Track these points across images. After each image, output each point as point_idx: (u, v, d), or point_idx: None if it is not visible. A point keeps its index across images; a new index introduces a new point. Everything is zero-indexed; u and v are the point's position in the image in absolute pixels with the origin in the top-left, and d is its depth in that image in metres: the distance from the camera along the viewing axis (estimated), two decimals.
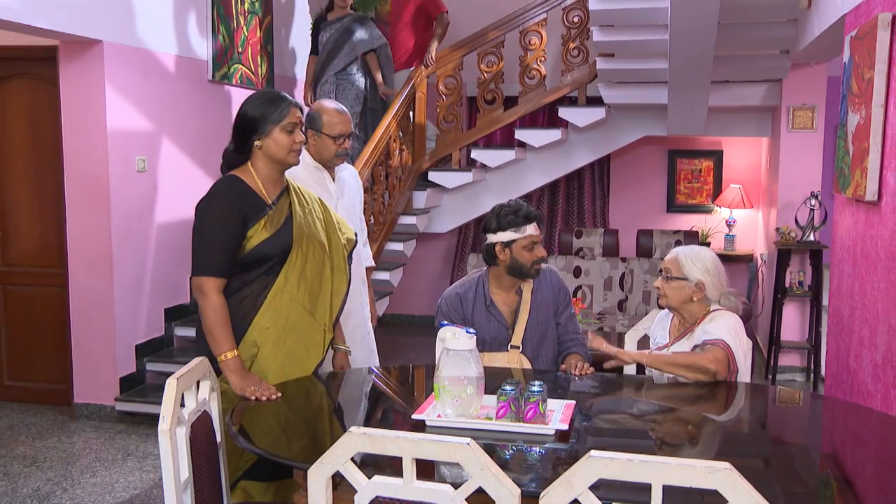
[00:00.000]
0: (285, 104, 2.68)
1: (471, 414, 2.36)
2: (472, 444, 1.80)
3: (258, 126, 2.65)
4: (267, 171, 2.71)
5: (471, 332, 2.37)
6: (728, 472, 1.68)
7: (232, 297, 2.65)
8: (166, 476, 2.23)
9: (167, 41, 5.22)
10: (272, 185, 2.73)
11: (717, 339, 2.84)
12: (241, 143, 2.69)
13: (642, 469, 1.73)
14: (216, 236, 2.58)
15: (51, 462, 4.33)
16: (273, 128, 2.65)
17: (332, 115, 3.35)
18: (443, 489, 1.84)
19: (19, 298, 5.27)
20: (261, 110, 2.66)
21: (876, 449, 2.41)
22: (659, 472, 1.71)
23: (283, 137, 2.67)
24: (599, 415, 2.63)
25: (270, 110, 2.65)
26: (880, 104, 2.96)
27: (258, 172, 2.70)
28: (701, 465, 1.70)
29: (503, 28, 6.39)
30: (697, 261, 2.96)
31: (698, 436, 2.50)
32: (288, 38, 6.82)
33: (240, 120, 2.69)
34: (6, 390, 5.35)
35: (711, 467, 1.69)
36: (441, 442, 1.83)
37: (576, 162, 6.68)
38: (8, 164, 5.19)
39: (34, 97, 5.09)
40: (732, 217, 6.92)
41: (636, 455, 1.75)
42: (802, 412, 2.83)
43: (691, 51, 5.03)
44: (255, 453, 2.27)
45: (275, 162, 2.70)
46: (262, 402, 2.55)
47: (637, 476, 1.73)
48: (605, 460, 1.74)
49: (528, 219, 3.01)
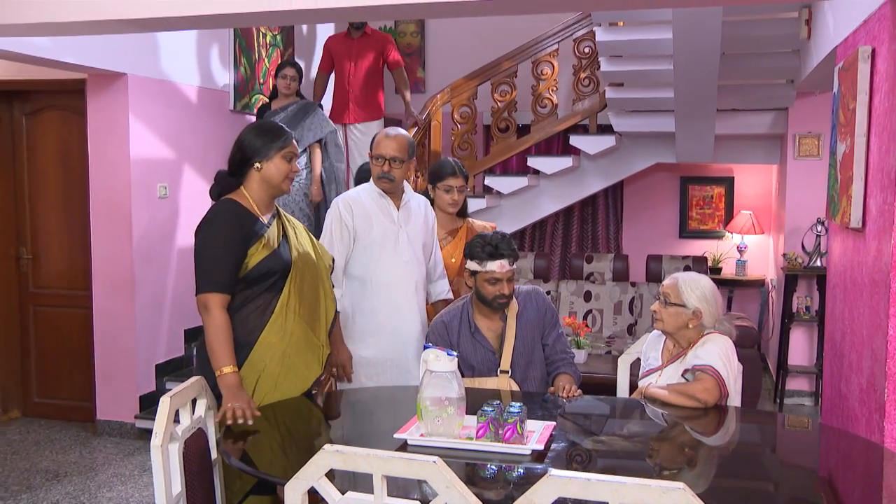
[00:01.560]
0: (288, 135, 2.85)
1: (452, 434, 2.40)
2: (438, 462, 1.85)
3: (262, 150, 2.79)
4: (260, 195, 2.82)
5: (452, 354, 2.42)
6: (682, 491, 1.71)
7: (237, 314, 2.74)
8: (157, 490, 2.31)
9: (190, 73, 5.37)
10: (265, 208, 2.84)
11: (706, 366, 2.86)
12: (240, 166, 2.81)
13: (599, 488, 1.76)
14: (220, 254, 2.67)
15: (71, 476, 4.43)
16: (276, 154, 2.79)
17: (378, 137, 3.40)
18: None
19: (48, 319, 5.42)
20: (266, 137, 2.81)
21: (834, 468, 2.42)
22: (616, 491, 1.75)
23: (283, 164, 2.81)
24: (581, 436, 2.66)
25: (275, 138, 2.81)
26: (863, 133, 2.98)
27: (252, 195, 2.81)
28: (656, 485, 1.73)
29: (516, 58, 6.47)
30: (696, 288, 2.97)
31: (676, 457, 2.52)
32: (309, 69, 6.96)
33: (244, 143, 2.82)
34: (34, 407, 5.49)
35: (666, 487, 1.72)
36: (409, 460, 1.88)
37: (588, 188, 6.71)
38: (40, 192, 5.36)
39: (64, 128, 5.26)
40: (744, 243, 6.90)
41: (594, 475, 1.78)
42: (773, 435, 2.84)
43: (695, 81, 5.07)
44: (238, 468, 2.33)
45: (270, 186, 2.82)
46: (244, 424, 2.58)
47: (594, 495, 1.76)
48: (563, 480, 1.77)
49: (493, 256, 3.03)
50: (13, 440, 5.05)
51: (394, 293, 3.36)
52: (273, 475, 2.25)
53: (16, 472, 4.52)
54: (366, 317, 3.35)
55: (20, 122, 5.38)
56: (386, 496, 1.91)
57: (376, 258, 3.35)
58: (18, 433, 5.18)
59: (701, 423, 2.78)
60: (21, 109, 5.36)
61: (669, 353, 3.06)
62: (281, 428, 2.68)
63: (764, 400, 6.03)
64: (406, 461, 1.88)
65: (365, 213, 3.37)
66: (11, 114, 5.37)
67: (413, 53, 7.84)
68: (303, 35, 6.84)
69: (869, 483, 2.36)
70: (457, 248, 3.78)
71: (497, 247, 3.05)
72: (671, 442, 2.70)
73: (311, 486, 1.94)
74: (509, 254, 3.05)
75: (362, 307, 3.36)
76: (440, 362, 2.42)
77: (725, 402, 2.87)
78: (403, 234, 3.40)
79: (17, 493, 4.23)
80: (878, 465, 2.41)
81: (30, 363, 5.47)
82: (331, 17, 4.42)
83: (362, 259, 3.36)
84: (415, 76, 7.78)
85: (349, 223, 3.34)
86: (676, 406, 2.83)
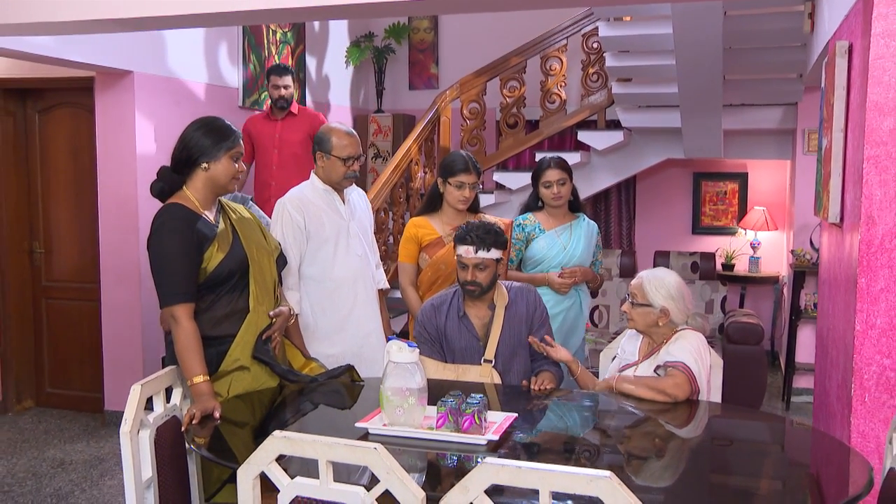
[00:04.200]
0: (236, 135, 2.81)
1: (413, 423, 2.48)
2: (379, 449, 1.92)
3: (210, 151, 2.75)
4: (205, 194, 2.78)
5: (412, 345, 2.49)
6: (608, 480, 1.76)
7: (204, 316, 2.76)
8: (126, 475, 2.42)
9: (198, 70, 5.50)
10: (210, 207, 2.82)
11: (677, 362, 2.89)
12: (185, 164, 2.77)
13: (529, 476, 1.83)
14: (178, 264, 2.66)
15: (76, 465, 4.59)
16: (224, 154, 2.77)
17: (342, 138, 3.39)
18: (355, 490, 1.97)
19: (59, 312, 5.60)
20: (215, 136, 2.76)
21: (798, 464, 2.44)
22: (544, 479, 1.81)
23: (231, 165, 2.78)
24: (543, 428, 2.72)
25: (224, 138, 2.77)
26: (840, 129, 2.99)
27: (196, 195, 2.77)
28: (583, 473, 1.79)
29: (525, 54, 6.50)
30: (661, 287, 3.00)
31: (642, 450, 2.57)
32: (321, 66, 7.08)
33: (190, 143, 2.76)
34: (47, 398, 5.67)
35: (593, 476, 1.78)
36: (352, 446, 1.96)
37: (598, 184, 6.73)
38: (52, 188, 5.53)
39: (75, 125, 5.42)
40: (757, 239, 6.87)
41: (524, 463, 1.85)
42: (738, 429, 2.86)
43: (699, 76, 5.08)
44: (197, 453, 2.42)
45: (216, 186, 2.79)
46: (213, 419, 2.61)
47: (525, 482, 1.83)
48: (496, 467, 1.84)
49: (462, 241, 3.10)
50: (24, 429, 5.23)
51: (352, 288, 3.43)
52: (228, 461, 2.34)
53: (24, 459, 4.69)
54: (327, 315, 3.41)
55: (33, 119, 5.55)
56: (332, 481, 1.99)
57: (331, 255, 3.39)
58: (30, 422, 5.36)
59: (671, 417, 2.81)
60: (34, 107, 5.54)
61: (645, 350, 3.10)
62: (253, 418, 2.76)
63: (775, 398, 6.02)
64: (349, 447, 1.96)
65: (316, 211, 3.39)
66: (25, 111, 5.54)
67: (426, 49, 7.91)
68: (315, 32, 6.94)
69: (826, 473, 2.39)
70: None
71: (469, 232, 3.11)
72: (638, 435, 2.74)
73: (261, 470, 2.04)
74: (479, 242, 3.08)
75: (323, 306, 3.41)
76: (402, 353, 2.49)
77: (697, 396, 2.90)
78: (353, 227, 3.45)
79: (22, 479, 4.39)
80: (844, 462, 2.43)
81: (43, 355, 5.66)
82: (342, 15, 4.51)
83: (318, 258, 3.38)
84: (428, 72, 7.87)
85: (301, 224, 3.34)
86: (646, 400, 2.87)
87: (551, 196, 3.81)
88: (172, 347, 2.74)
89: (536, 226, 3.86)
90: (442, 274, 3.62)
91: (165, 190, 2.81)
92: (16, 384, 5.57)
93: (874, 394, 2.64)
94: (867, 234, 2.60)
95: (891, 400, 2.61)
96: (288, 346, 3.12)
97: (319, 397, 2.95)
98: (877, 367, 2.63)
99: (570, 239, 3.84)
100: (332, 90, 7.24)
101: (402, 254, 3.69)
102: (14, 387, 5.56)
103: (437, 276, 3.63)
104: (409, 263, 3.67)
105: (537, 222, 3.88)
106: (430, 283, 3.63)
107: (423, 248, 3.65)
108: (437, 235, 3.65)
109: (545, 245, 3.82)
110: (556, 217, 3.88)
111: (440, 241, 3.64)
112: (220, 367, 2.76)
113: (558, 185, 3.79)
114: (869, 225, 2.60)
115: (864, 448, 2.66)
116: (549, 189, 3.80)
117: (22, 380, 5.61)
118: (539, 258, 3.82)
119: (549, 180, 3.79)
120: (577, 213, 3.95)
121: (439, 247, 3.63)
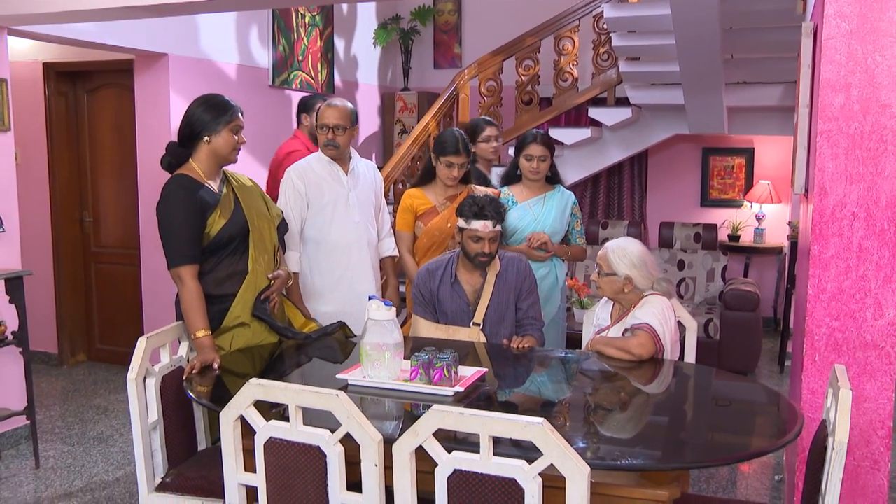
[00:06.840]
0: (234, 109, 2.92)
1: (390, 376, 2.58)
2: (340, 395, 2.03)
3: (210, 125, 2.87)
4: (209, 165, 2.91)
5: (388, 304, 2.59)
6: (540, 426, 1.86)
7: (208, 277, 2.89)
8: (133, 417, 2.57)
9: (229, 52, 5.62)
10: (214, 177, 2.95)
11: (642, 324, 2.95)
12: (189, 139, 2.90)
13: (471, 421, 1.92)
14: (184, 229, 2.79)
15: (117, 413, 4.81)
16: (224, 128, 2.88)
17: (323, 107, 3.53)
18: (321, 433, 2.08)
19: (107, 275, 5.83)
20: (214, 111, 2.88)
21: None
22: (484, 424, 1.91)
23: (231, 137, 2.90)
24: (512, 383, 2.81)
25: (223, 112, 2.89)
26: (805, 105, 2.99)
27: (201, 166, 2.90)
28: (519, 420, 1.88)
29: (539, 34, 6.49)
30: (624, 257, 3.04)
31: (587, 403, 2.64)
32: (350, 46, 7.15)
33: (193, 118, 2.89)
34: (97, 353, 5.93)
35: (528, 422, 1.86)
36: (317, 393, 2.07)
37: (609, 158, 6.73)
38: (99, 162, 5.74)
39: (118, 104, 5.60)
40: (762, 212, 6.80)
41: (467, 409, 1.95)
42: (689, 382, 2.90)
43: (698, 55, 5.04)
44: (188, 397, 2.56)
45: (219, 157, 2.92)
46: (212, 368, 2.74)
47: (467, 427, 1.93)
48: (442, 413, 1.95)
49: (478, 216, 3.15)
50: (77, 380, 5.49)
51: (347, 252, 3.54)
52: (214, 404, 2.46)
53: (73, 406, 4.94)
54: (323, 275, 3.55)
55: (82, 99, 5.74)
56: (301, 424, 2.10)
57: (329, 220, 3.52)
58: (82, 374, 5.62)
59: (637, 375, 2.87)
60: (83, 88, 5.73)
61: (616, 315, 3.15)
62: (253, 370, 2.88)
63: (773, 362, 6.00)
64: (315, 394, 2.07)
65: (316, 179, 3.52)
66: (75, 92, 5.74)
67: (450, 30, 7.92)
68: (343, 15, 7.00)
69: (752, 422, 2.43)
70: (454, 214, 3.91)
71: (483, 208, 3.17)
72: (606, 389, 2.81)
73: (239, 413, 2.16)
74: (493, 216, 3.16)
75: (319, 267, 3.55)
76: (380, 311, 2.59)
77: (662, 356, 2.94)
78: (353, 197, 3.57)
79: (71, 423, 4.64)
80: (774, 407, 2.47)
81: (92, 314, 5.91)
82: None
83: (316, 222, 3.53)
84: (452, 52, 7.89)
85: (301, 190, 3.50)
86: (614, 359, 2.93)
87: (530, 169, 3.82)
88: (179, 306, 2.87)
89: (510, 198, 3.88)
90: (436, 240, 3.70)
91: (173, 163, 2.94)
92: (70, 340, 5.84)
93: (823, 353, 2.67)
94: (819, 205, 2.61)
95: (838, 359, 2.64)
96: (289, 307, 3.24)
97: (314, 352, 3.08)
98: (826, 328, 2.66)
99: (542, 210, 3.86)
100: (360, 69, 7.31)
101: (400, 223, 3.78)
102: (69, 342, 5.83)
103: (432, 242, 3.71)
104: (406, 231, 3.75)
105: (511, 195, 3.90)
106: (426, 249, 3.72)
107: (418, 216, 3.73)
108: (431, 205, 3.73)
109: (516, 216, 3.84)
110: (532, 189, 3.90)
111: (434, 210, 3.72)
112: (222, 323, 2.89)
113: (538, 161, 3.80)
114: (821, 196, 2.61)
115: (813, 403, 2.71)
116: (530, 162, 3.81)
117: (75, 337, 5.87)
118: (511, 229, 3.84)
119: (530, 153, 3.80)
120: (555, 185, 3.96)
121: (433, 215, 3.71)
